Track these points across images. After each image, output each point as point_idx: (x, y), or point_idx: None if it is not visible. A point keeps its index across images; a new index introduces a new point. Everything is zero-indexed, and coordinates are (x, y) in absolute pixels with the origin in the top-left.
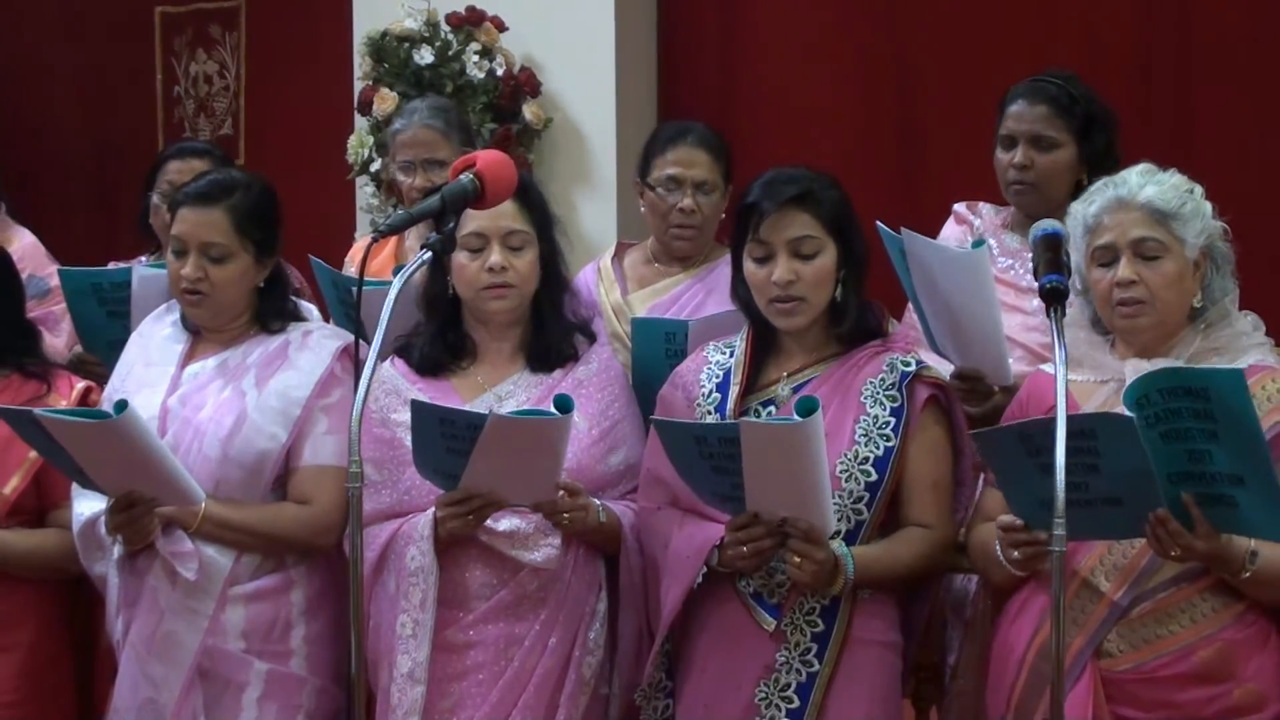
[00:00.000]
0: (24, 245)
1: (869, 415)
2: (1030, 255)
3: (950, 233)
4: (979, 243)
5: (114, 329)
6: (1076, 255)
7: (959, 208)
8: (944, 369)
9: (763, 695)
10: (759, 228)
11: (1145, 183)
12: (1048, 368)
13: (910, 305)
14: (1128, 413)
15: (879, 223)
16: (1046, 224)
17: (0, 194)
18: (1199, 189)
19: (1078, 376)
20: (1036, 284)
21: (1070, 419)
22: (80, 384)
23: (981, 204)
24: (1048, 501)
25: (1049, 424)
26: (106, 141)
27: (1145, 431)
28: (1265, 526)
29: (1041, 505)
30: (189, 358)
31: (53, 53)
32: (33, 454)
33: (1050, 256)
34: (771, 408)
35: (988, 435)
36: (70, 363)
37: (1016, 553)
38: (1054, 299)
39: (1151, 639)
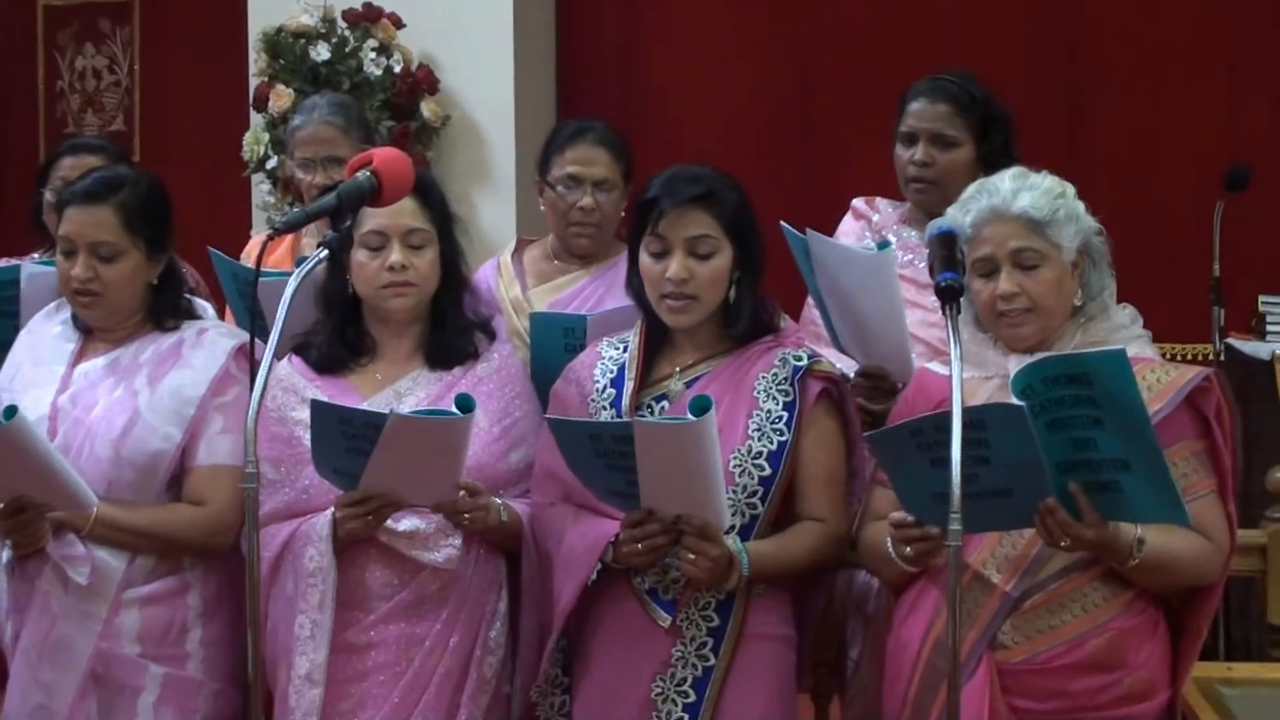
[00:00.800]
0: None
1: (762, 410)
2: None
3: (848, 227)
4: (884, 244)
5: (3, 328)
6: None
7: (857, 203)
8: (846, 366)
9: (659, 690)
10: (658, 223)
11: (1018, 189)
12: (933, 366)
13: (809, 302)
14: (1017, 402)
15: (783, 223)
16: (942, 222)
17: None
18: (1070, 189)
19: (969, 373)
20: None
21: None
22: None
23: (879, 199)
24: (939, 495)
25: (941, 419)
26: None
27: (1032, 421)
28: (1151, 509)
29: (933, 500)
30: (80, 356)
31: None
32: None
33: (945, 254)
34: (665, 402)
35: (880, 435)
36: None
37: (909, 549)
38: (950, 296)
39: (1045, 629)
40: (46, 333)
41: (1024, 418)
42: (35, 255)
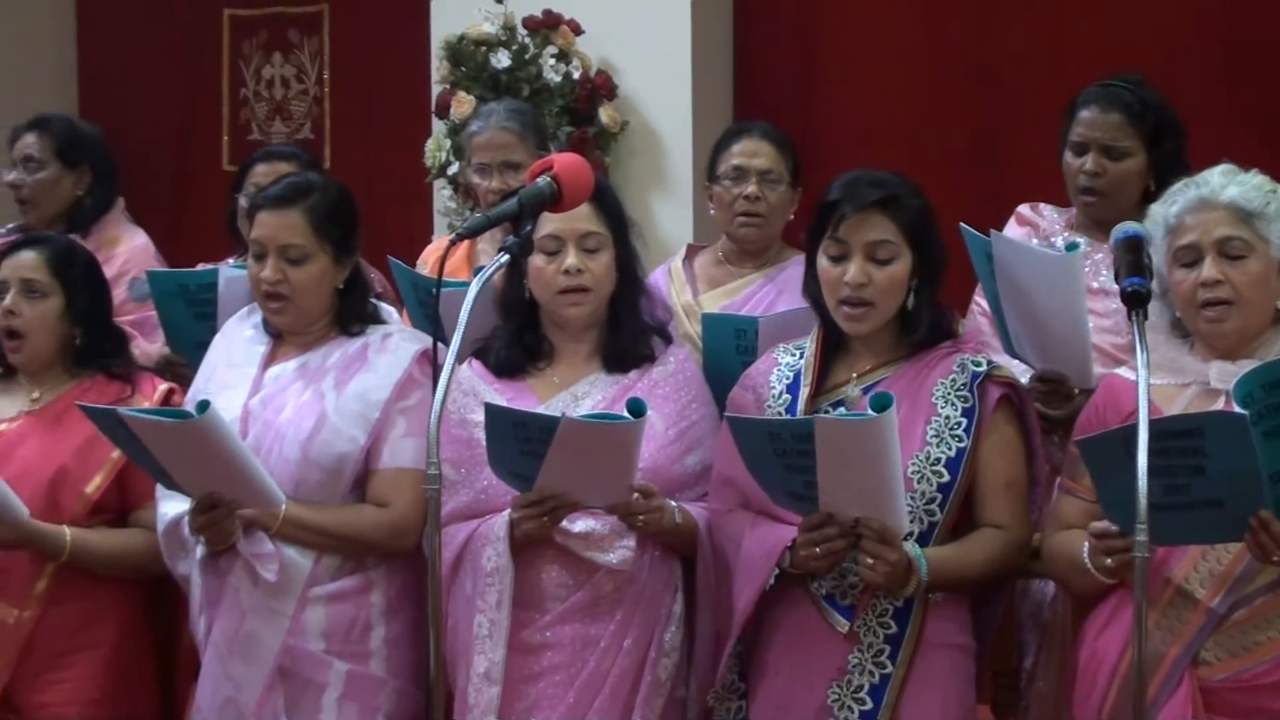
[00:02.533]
0: (133, 247)
1: (940, 416)
2: (1099, 257)
3: (1013, 234)
4: (1073, 246)
5: (200, 330)
6: (1157, 257)
7: (1023, 209)
8: (1019, 371)
9: (835, 697)
10: (838, 227)
11: (1227, 183)
12: (1123, 371)
13: (974, 306)
14: (1237, 410)
15: (964, 225)
16: (1128, 226)
17: (117, 193)
18: None
19: (1157, 380)
20: (1112, 286)
21: (1176, 419)
22: (163, 386)
23: (1043, 205)
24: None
25: (1155, 426)
26: (176, 143)
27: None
28: None
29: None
30: (271, 360)
31: (129, 54)
32: (116, 454)
33: (1132, 259)
34: (841, 409)
35: (1089, 441)
36: (158, 364)
37: (1109, 560)
38: (1136, 303)
39: (1250, 646)
40: (239, 336)
41: (1246, 427)
42: (230, 260)
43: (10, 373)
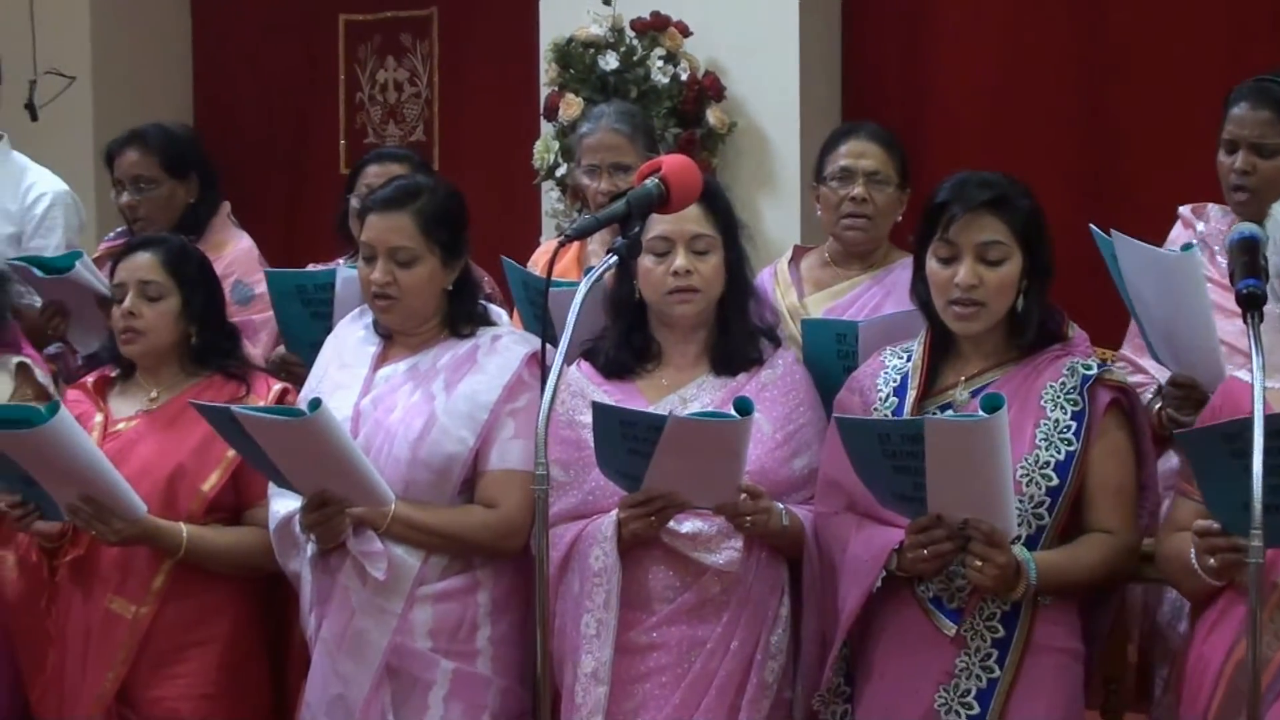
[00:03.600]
0: (238, 250)
1: (1049, 419)
2: None
3: (1176, 234)
4: (1189, 246)
5: (316, 330)
6: (1276, 258)
7: (1183, 210)
8: (1165, 377)
9: (942, 701)
10: (948, 228)
11: None
12: (1242, 374)
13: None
14: None
15: (1092, 226)
16: (1243, 227)
17: (221, 194)
18: None
19: (1274, 383)
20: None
21: (1274, 418)
22: (277, 385)
23: (1210, 206)
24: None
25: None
26: (291, 146)
27: None
28: None
29: (1244, 509)
30: (381, 360)
31: (245, 60)
32: (231, 452)
33: (1247, 260)
34: (949, 412)
35: (1190, 435)
36: (273, 363)
37: (1213, 560)
38: (1251, 304)
39: None
40: (351, 337)
41: None
42: (341, 260)
43: (129, 373)
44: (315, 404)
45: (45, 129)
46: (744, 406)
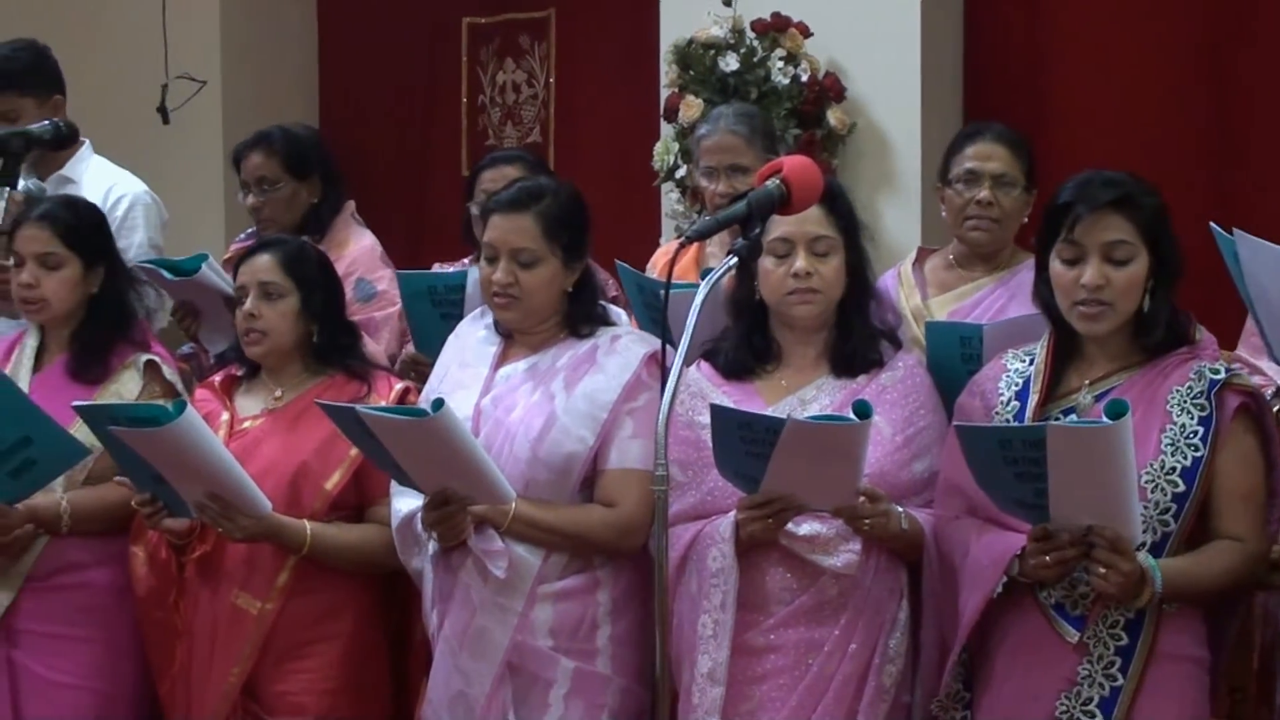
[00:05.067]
0: (360, 248)
1: (1175, 424)
2: None
3: None
4: None
5: (446, 330)
6: None
7: None
8: None
9: (1064, 708)
10: (1072, 228)
11: None
12: None
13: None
14: None
15: (1213, 225)
16: None
17: (343, 194)
18: None
19: None
20: None
21: None
22: (399, 384)
23: None
24: None
25: None
26: (414, 149)
27: None
28: None
29: None
30: (502, 360)
31: (370, 63)
32: (353, 452)
33: None
34: (1073, 416)
35: None
36: (404, 363)
37: None
38: None
39: None
40: (472, 337)
41: None
42: (466, 261)
43: (254, 372)
44: (438, 404)
45: (176, 132)
46: (862, 410)
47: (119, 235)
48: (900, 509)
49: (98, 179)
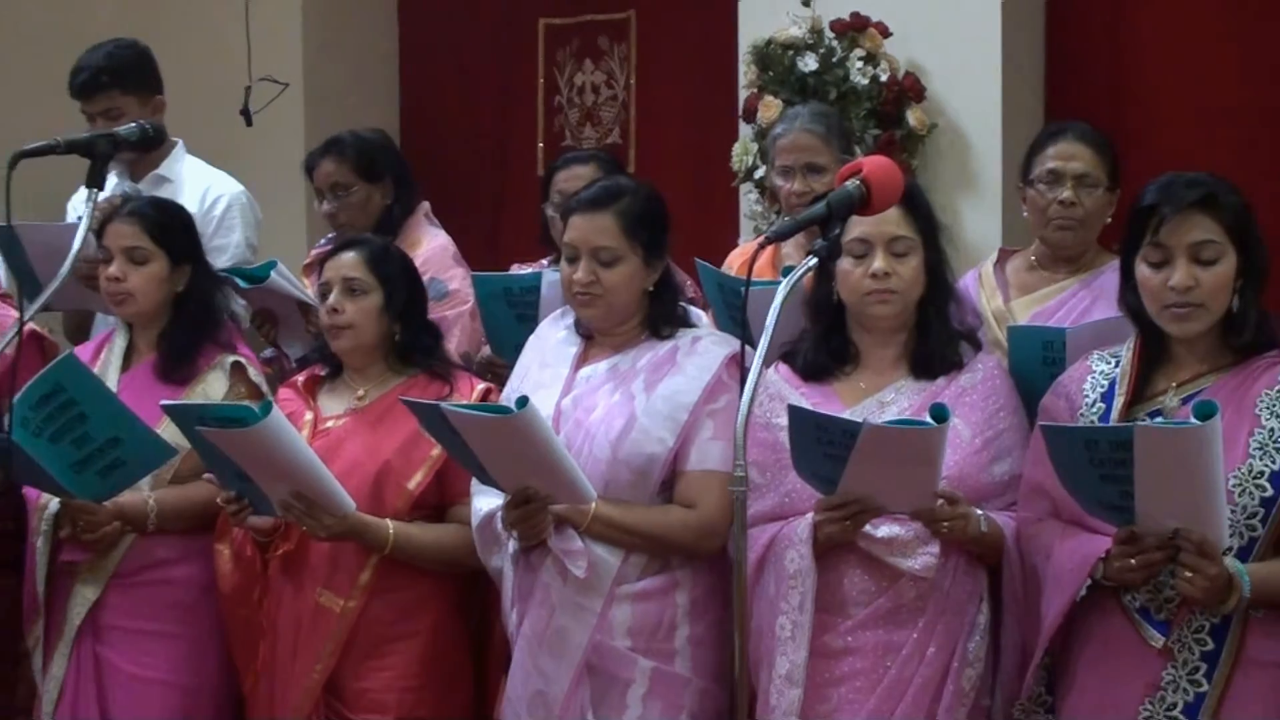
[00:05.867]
0: (433, 247)
1: (1264, 428)
2: None
3: None
4: None
5: (522, 332)
6: None
7: None
8: None
9: (1148, 714)
10: (1157, 230)
11: None
12: None
13: None
14: None
15: None
16: None
17: (416, 194)
18: None
19: None
20: None
21: None
22: (480, 385)
23: None
24: None
25: None
26: (492, 150)
27: None
28: None
29: None
30: (582, 360)
31: (449, 64)
32: (435, 452)
33: None
34: (1159, 418)
35: None
36: (479, 364)
37: None
38: None
39: None
40: (553, 337)
41: None
42: (545, 262)
43: (337, 372)
44: (522, 401)
45: (259, 134)
46: (940, 413)
47: (216, 235)
48: (980, 512)
49: (194, 179)
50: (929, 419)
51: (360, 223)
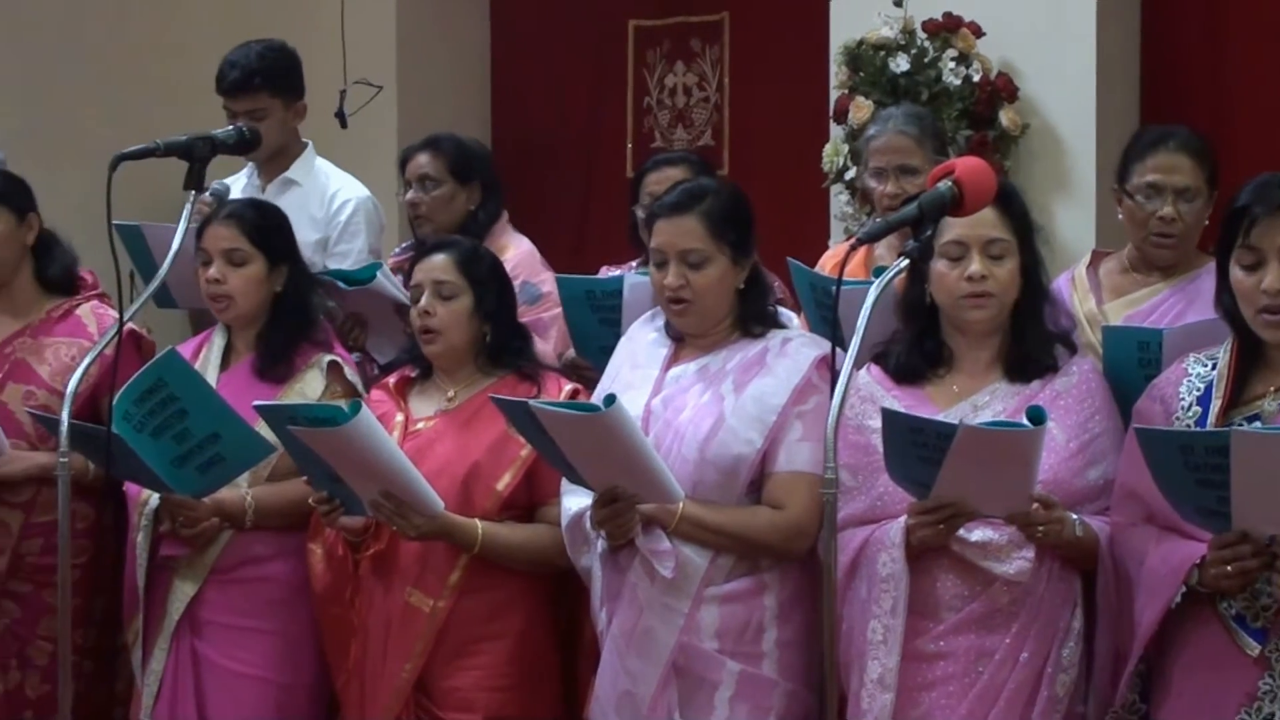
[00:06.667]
0: (520, 252)
1: None
2: None
3: None
4: None
5: (605, 335)
6: None
7: None
8: None
9: None
10: (1249, 233)
11: None
12: None
13: None
14: None
15: None
16: None
17: (502, 204)
18: None
19: None
20: None
21: None
22: (568, 385)
23: None
24: None
25: None
26: (580, 151)
27: None
28: None
29: None
30: (672, 361)
31: (539, 66)
32: (524, 452)
33: None
34: (1257, 423)
35: None
36: (564, 365)
37: None
38: None
39: None
40: (643, 338)
41: None
42: (633, 264)
43: (427, 374)
44: (610, 399)
45: (353, 136)
46: (1036, 416)
47: (340, 240)
48: (1075, 516)
49: (321, 182)
50: (1025, 421)
51: (440, 219)
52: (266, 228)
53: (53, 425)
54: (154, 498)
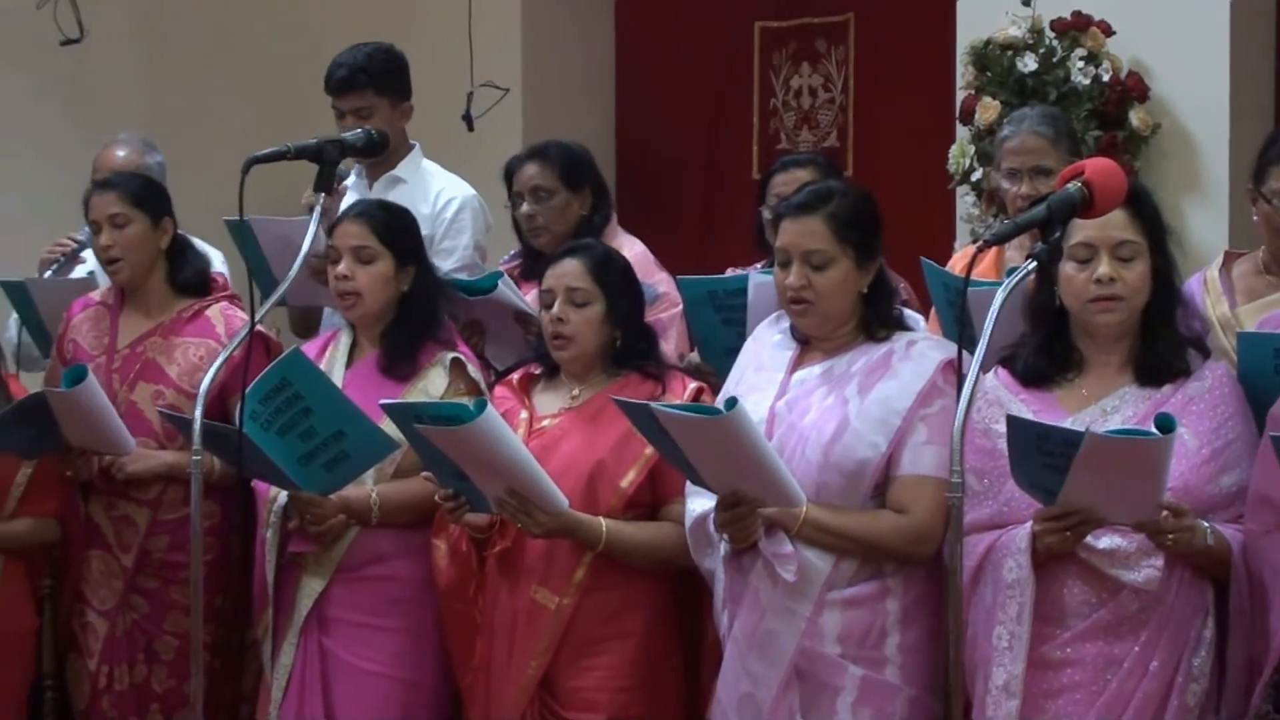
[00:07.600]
0: (634, 254)
1: None
2: None
3: None
4: None
5: (729, 335)
6: None
7: None
8: None
9: None
10: None
11: None
12: None
13: None
14: None
15: None
16: None
17: (612, 206)
18: None
19: None
20: None
21: None
22: (693, 384)
23: None
24: None
25: None
26: (706, 153)
27: None
28: None
29: None
30: (797, 364)
31: (664, 68)
32: (648, 450)
33: None
34: None
35: None
36: (687, 367)
37: None
38: None
39: None
40: (768, 341)
41: None
42: (758, 266)
43: (552, 371)
44: (731, 403)
45: (480, 139)
46: (1166, 423)
47: (445, 237)
48: (1206, 524)
49: (427, 181)
50: (1154, 429)
51: (558, 229)
52: (395, 228)
53: (182, 424)
54: (282, 495)
